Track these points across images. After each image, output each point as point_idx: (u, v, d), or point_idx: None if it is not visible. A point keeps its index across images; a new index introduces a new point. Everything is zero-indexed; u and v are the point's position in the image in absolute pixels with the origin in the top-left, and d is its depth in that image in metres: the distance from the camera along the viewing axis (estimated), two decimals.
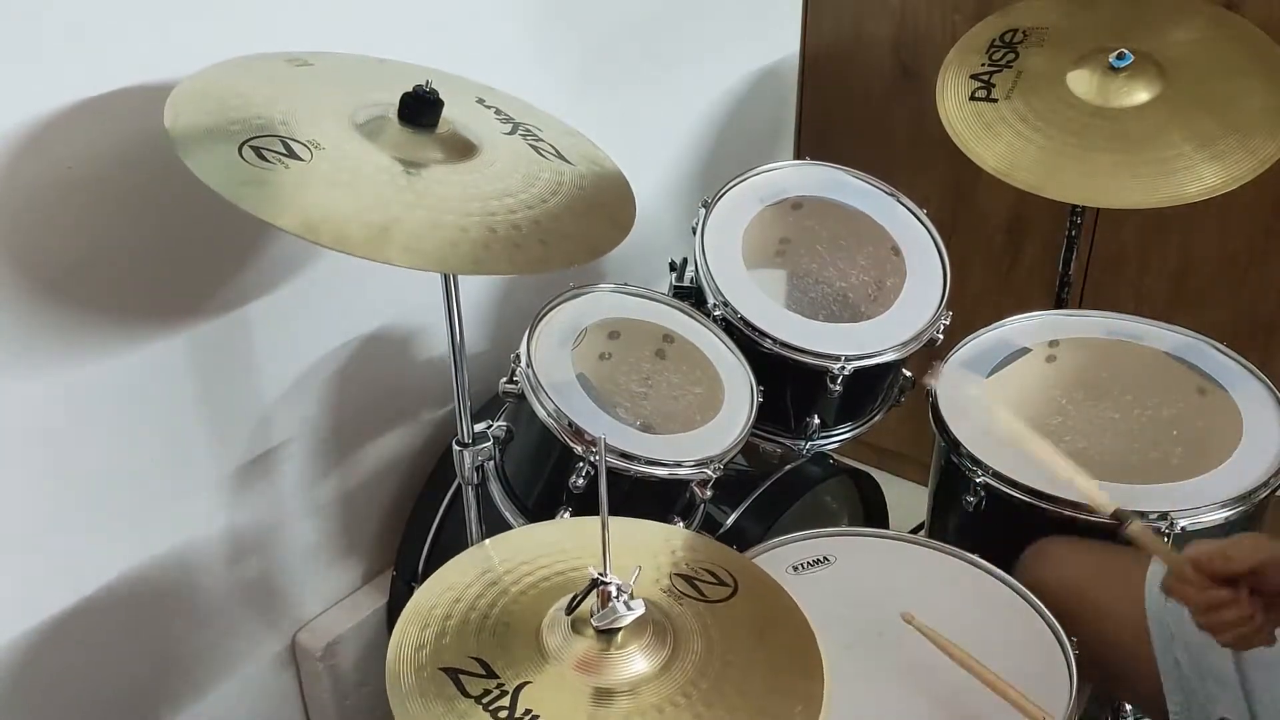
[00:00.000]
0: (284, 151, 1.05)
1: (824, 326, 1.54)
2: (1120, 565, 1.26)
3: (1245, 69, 1.52)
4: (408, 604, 0.97)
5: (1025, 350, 1.53)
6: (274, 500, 1.50)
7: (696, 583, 1.00)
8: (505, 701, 0.88)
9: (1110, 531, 1.30)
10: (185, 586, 1.44)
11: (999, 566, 1.28)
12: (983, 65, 1.59)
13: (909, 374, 1.59)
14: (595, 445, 1.27)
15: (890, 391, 1.59)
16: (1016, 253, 2.00)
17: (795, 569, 1.28)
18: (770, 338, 1.46)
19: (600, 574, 0.91)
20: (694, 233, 1.55)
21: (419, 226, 1.05)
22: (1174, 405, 1.48)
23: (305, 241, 1.01)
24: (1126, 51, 1.50)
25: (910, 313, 1.53)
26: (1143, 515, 1.29)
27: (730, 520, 1.53)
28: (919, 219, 1.62)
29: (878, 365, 1.48)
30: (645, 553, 1.03)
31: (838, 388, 1.46)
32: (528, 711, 0.87)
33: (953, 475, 1.42)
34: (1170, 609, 1.18)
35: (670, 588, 0.99)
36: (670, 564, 1.03)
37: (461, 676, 0.90)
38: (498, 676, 0.90)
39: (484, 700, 0.88)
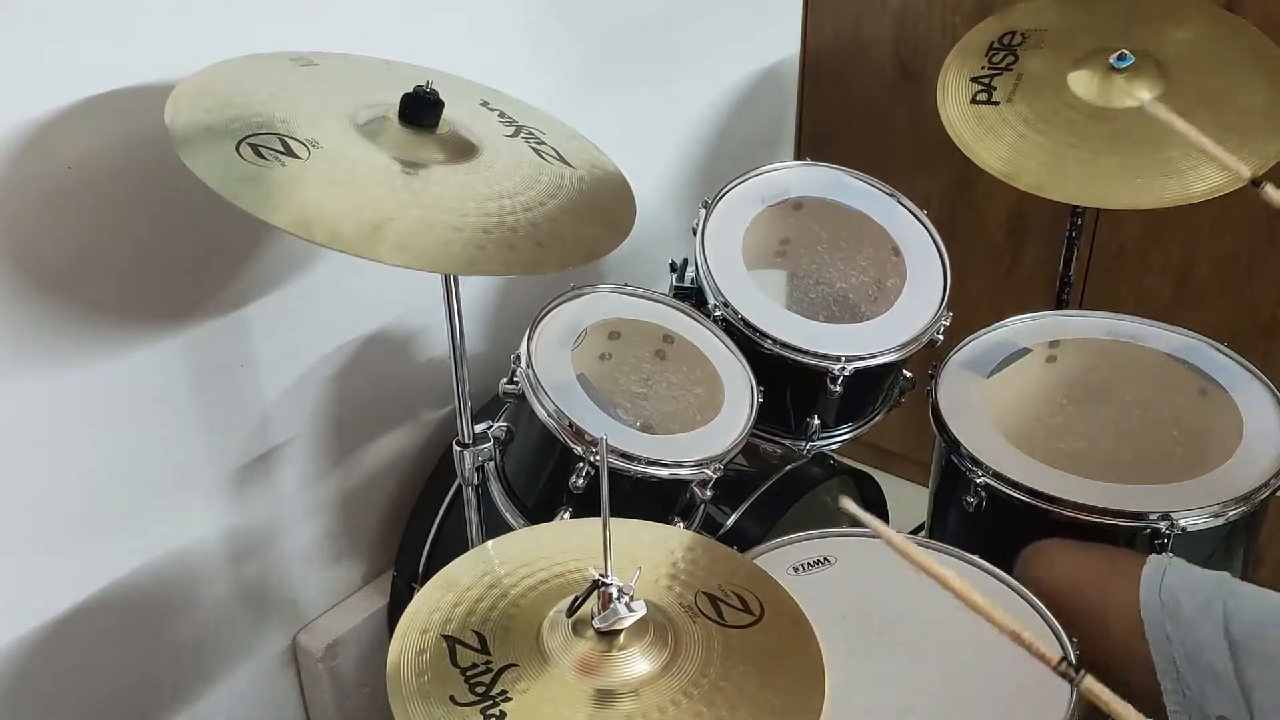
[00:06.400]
0: (282, 149, 1.05)
1: (824, 327, 1.54)
2: (1117, 567, 1.25)
3: (1246, 68, 1.52)
4: (408, 607, 0.97)
5: (1026, 350, 1.53)
6: (274, 501, 1.50)
7: (721, 605, 0.99)
8: (486, 679, 0.88)
9: (1107, 534, 1.31)
10: (185, 587, 1.44)
11: (999, 566, 1.27)
12: (983, 68, 1.59)
13: (909, 375, 1.59)
14: (596, 446, 1.27)
15: (891, 392, 1.59)
16: (1017, 253, 2.00)
17: (796, 570, 1.27)
18: (770, 338, 1.46)
19: (601, 575, 0.91)
20: (694, 233, 1.54)
21: (413, 225, 1.05)
22: (1174, 406, 1.48)
23: (303, 241, 1.01)
24: (1127, 52, 1.50)
25: (910, 313, 1.53)
26: (1143, 516, 1.30)
27: (730, 521, 1.53)
28: (919, 219, 1.62)
29: (878, 366, 1.48)
30: (650, 555, 1.03)
31: (838, 388, 1.46)
32: (502, 693, 0.87)
33: (953, 476, 1.42)
34: (1167, 610, 1.18)
35: (692, 604, 0.98)
36: (699, 581, 1.02)
37: (458, 646, 0.91)
38: (489, 654, 0.91)
39: (468, 671, 0.89)
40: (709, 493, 1.35)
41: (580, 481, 1.29)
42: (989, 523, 1.38)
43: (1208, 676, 1.14)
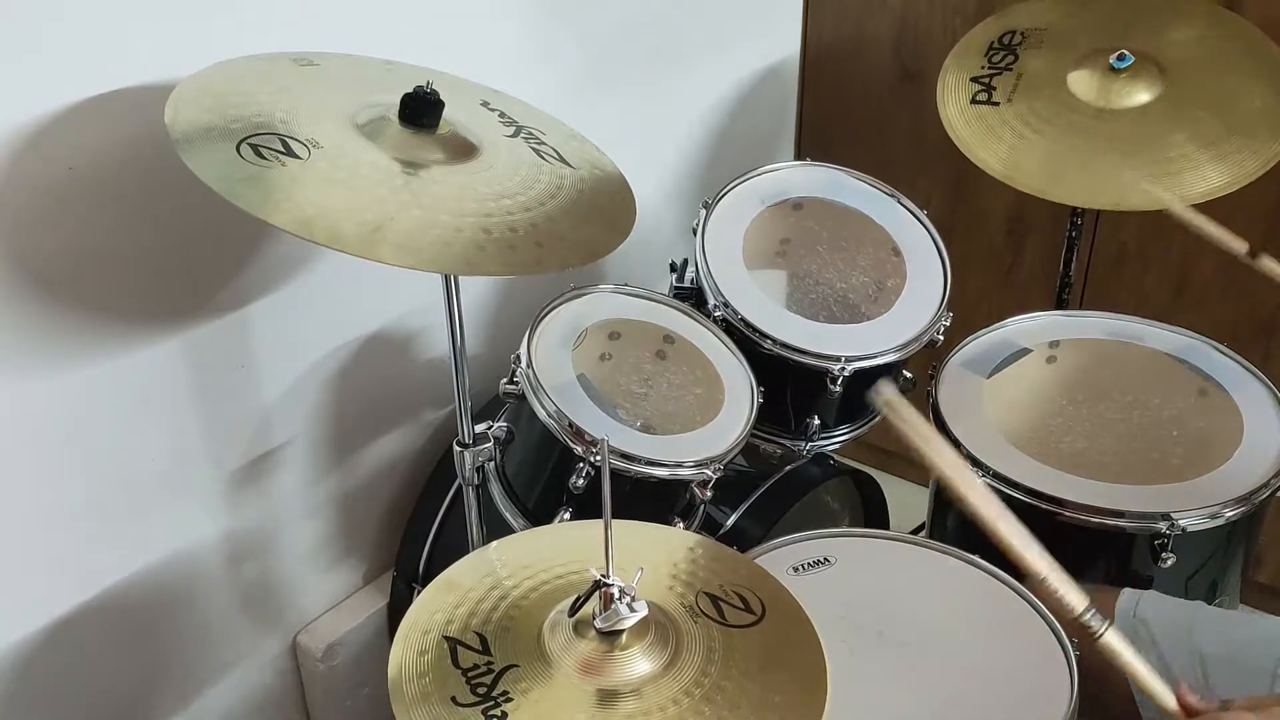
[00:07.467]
0: (282, 149, 1.05)
1: (824, 327, 1.54)
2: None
3: (1246, 68, 1.52)
4: (409, 608, 0.97)
5: (1026, 351, 1.53)
6: (274, 501, 1.50)
7: (722, 604, 0.99)
8: (488, 680, 0.89)
9: (1107, 535, 1.31)
10: (185, 588, 1.44)
11: (999, 567, 1.27)
12: (982, 68, 1.59)
13: (909, 375, 1.59)
14: (596, 446, 1.27)
15: None
16: (1017, 253, 2.00)
17: (796, 570, 1.27)
18: (770, 339, 1.46)
19: (603, 575, 0.91)
20: (694, 233, 1.54)
21: (413, 226, 1.05)
22: (1174, 406, 1.48)
23: (303, 241, 1.01)
24: (1127, 52, 1.50)
25: (911, 314, 1.53)
26: (1143, 516, 1.29)
27: (730, 521, 1.53)
28: (919, 219, 1.62)
29: (878, 366, 1.48)
30: (651, 555, 1.03)
31: (838, 388, 1.46)
32: (504, 693, 0.88)
33: None
34: (1139, 635, 1.19)
35: (693, 604, 0.98)
36: (701, 581, 1.02)
37: (459, 647, 0.91)
38: (490, 655, 0.91)
39: (470, 672, 0.89)
40: (709, 493, 1.35)
41: (581, 482, 1.29)
42: None
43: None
